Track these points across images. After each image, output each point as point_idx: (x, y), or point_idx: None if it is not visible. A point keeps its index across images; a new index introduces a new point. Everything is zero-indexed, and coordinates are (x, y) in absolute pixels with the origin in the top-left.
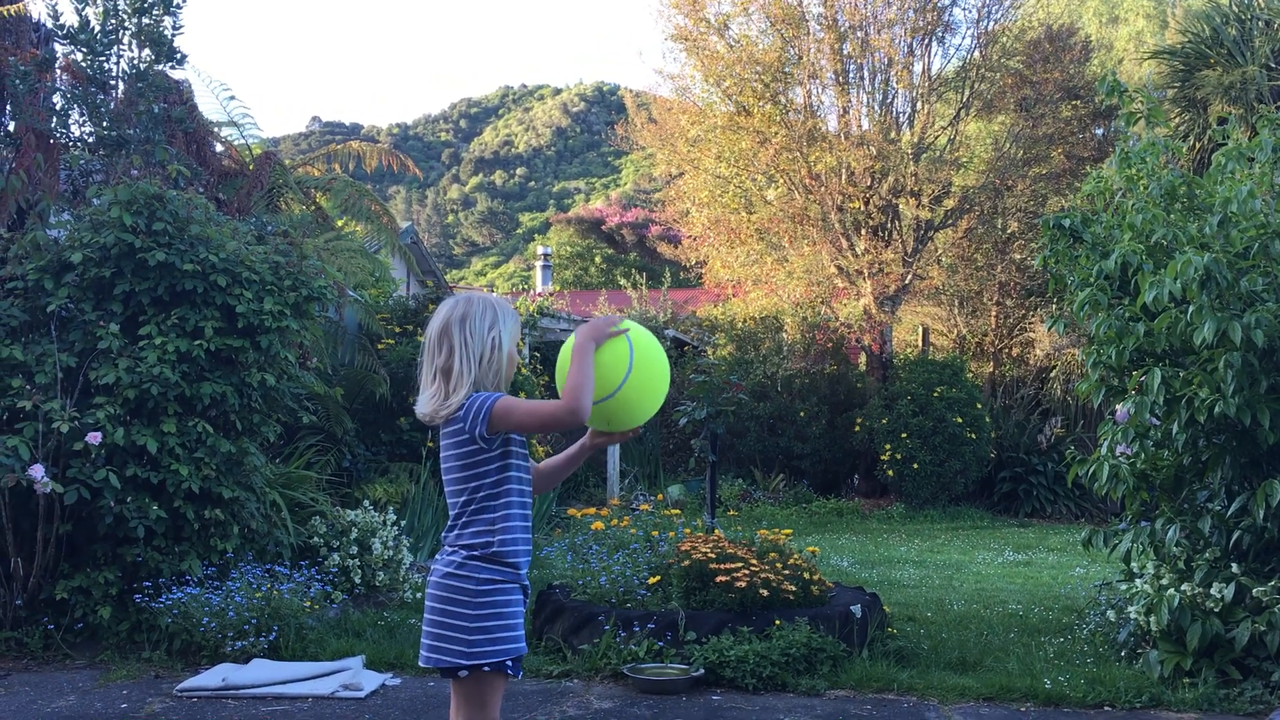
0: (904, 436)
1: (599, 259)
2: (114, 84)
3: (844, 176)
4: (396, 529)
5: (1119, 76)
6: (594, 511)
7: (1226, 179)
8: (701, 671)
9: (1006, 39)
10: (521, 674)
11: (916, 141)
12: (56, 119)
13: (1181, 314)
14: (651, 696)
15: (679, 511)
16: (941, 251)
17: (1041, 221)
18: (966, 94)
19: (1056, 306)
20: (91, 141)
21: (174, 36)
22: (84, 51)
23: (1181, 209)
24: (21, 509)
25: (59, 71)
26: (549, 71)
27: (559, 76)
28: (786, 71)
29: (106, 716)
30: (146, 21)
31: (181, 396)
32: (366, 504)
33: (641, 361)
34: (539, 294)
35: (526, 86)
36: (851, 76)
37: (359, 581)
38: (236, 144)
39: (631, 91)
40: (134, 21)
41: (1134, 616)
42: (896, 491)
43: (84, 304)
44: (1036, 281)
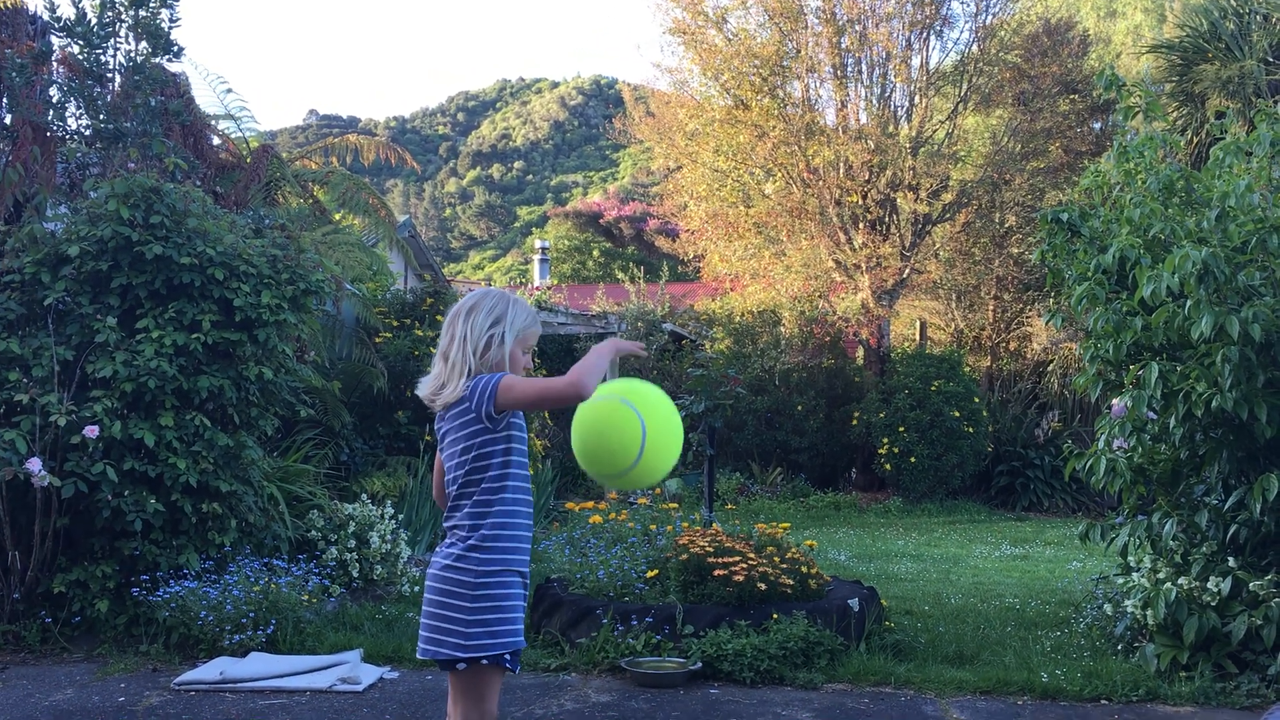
0: (901, 430)
1: (597, 253)
2: (111, 77)
3: (842, 170)
4: (394, 522)
5: (1117, 70)
6: (592, 505)
7: (1224, 173)
8: (699, 665)
9: (1004, 33)
10: (520, 669)
11: (914, 135)
12: (53, 112)
13: (1179, 308)
14: (649, 690)
15: (677, 505)
16: (939, 245)
17: (1039, 216)
18: (964, 88)
19: (1054, 301)
20: (88, 134)
21: (171, 29)
22: (81, 44)
23: (1179, 203)
24: (19, 502)
25: (55, 64)
26: (547, 65)
27: (557, 70)
28: (784, 65)
29: (104, 710)
30: (143, 14)
31: (179, 390)
32: (364, 497)
33: (655, 433)
34: (537, 287)
35: (524, 80)
36: (849, 70)
37: (357, 575)
38: (234, 137)
39: (629, 85)
40: (131, 14)
41: (1131, 610)
42: (894, 485)
43: (81, 297)
44: (1034, 276)
